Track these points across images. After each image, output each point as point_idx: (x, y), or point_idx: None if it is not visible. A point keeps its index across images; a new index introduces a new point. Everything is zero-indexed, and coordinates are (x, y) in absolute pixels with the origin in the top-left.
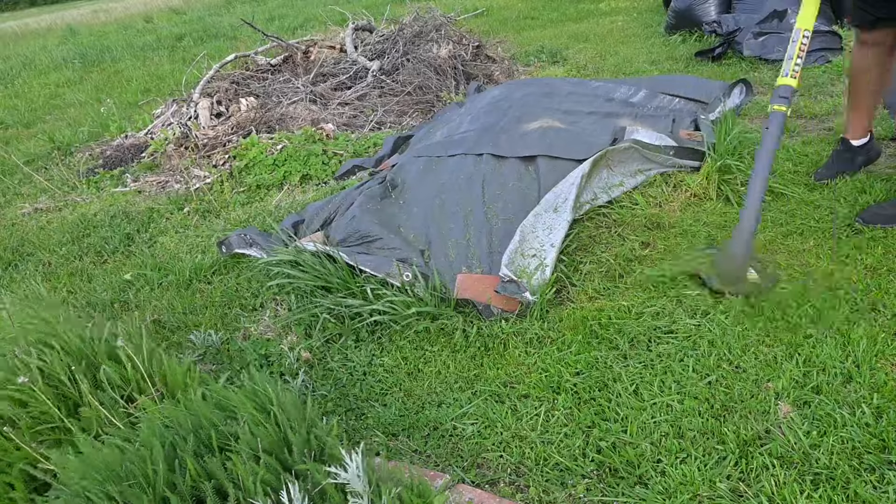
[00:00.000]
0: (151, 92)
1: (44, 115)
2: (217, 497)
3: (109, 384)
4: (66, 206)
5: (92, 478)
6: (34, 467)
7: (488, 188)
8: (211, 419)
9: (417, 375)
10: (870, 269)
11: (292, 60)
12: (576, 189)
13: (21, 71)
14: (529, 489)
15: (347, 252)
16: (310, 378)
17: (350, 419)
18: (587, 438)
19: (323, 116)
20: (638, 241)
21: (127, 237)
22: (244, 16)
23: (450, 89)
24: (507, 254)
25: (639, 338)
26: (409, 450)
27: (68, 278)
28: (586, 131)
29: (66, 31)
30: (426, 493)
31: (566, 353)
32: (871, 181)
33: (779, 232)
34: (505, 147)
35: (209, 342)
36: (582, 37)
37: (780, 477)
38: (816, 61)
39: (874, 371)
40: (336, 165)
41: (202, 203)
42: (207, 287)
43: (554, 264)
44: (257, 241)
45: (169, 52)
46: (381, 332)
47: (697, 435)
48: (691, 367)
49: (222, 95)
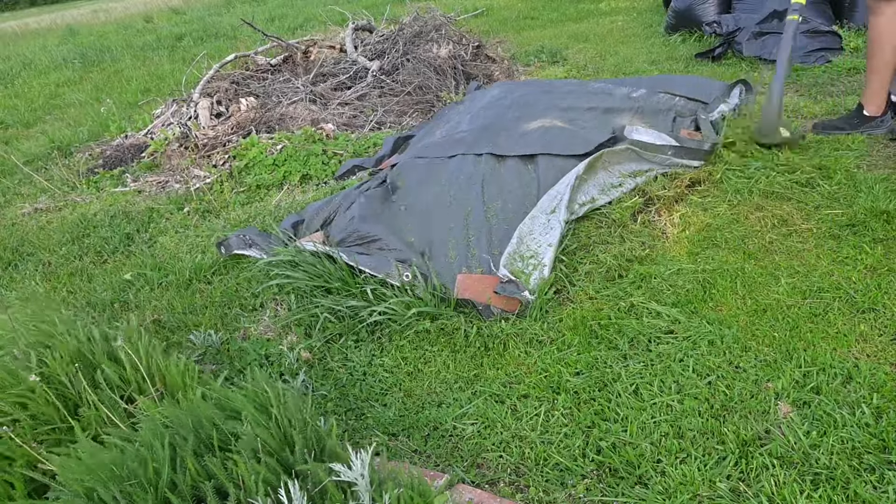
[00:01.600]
0: (151, 92)
1: (44, 115)
2: (217, 497)
3: (109, 384)
4: (66, 206)
5: (92, 478)
6: (34, 468)
7: (488, 188)
8: (211, 419)
9: (417, 375)
10: (870, 269)
11: (292, 60)
12: (570, 190)
13: (21, 71)
14: (529, 489)
15: (347, 252)
16: (310, 378)
17: (350, 419)
18: (587, 438)
19: (323, 116)
20: (638, 241)
21: (127, 237)
22: (244, 16)
23: (450, 89)
24: (506, 255)
25: (639, 338)
26: (409, 450)
27: (68, 278)
28: (586, 128)
29: (66, 31)
30: (426, 492)
31: (566, 353)
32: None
33: (778, 233)
34: (504, 146)
35: (209, 342)
36: (582, 37)
37: (780, 477)
38: (816, 61)
39: (874, 371)
40: (336, 165)
41: (202, 203)
42: (207, 287)
43: (552, 264)
44: (257, 242)
45: (169, 52)
46: (381, 333)
47: (697, 435)
48: (691, 367)
49: (222, 95)
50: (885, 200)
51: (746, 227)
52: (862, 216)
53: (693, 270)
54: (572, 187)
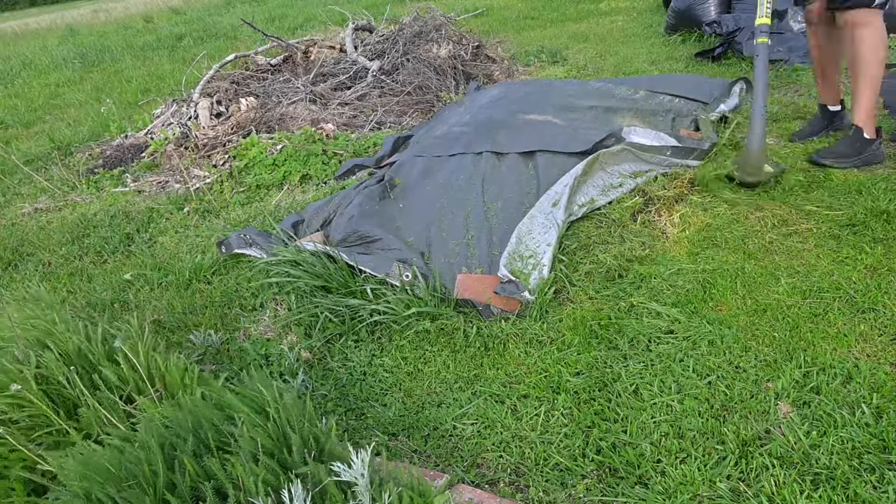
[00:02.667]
0: (151, 92)
1: (44, 115)
2: (216, 497)
3: (108, 385)
4: (66, 206)
5: (91, 479)
6: (32, 470)
7: (488, 187)
8: (210, 419)
9: (417, 375)
10: (870, 269)
11: (292, 60)
12: (568, 190)
13: (21, 71)
14: (529, 489)
15: (347, 252)
16: (310, 378)
17: (350, 419)
18: (587, 438)
19: (323, 116)
20: (638, 241)
21: (127, 237)
22: (244, 16)
23: (450, 89)
24: (505, 255)
25: (639, 338)
26: (409, 450)
27: (68, 278)
28: (584, 126)
29: (66, 31)
30: (426, 492)
31: (566, 353)
32: (873, 180)
33: (778, 233)
34: (504, 143)
35: (209, 342)
36: (582, 37)
37: (780, 477)
38: None
39: (874, 371)
40: (336, 165)
41: (202, 203)
42: (207, 287)
43: (551, 264)
44: (257, 241)
45: (169, 52)
46: (381, 332)
47: (697, 435)
48: (691, 368)
49: (222, 95)
50: (885, 200)
51: (746, 226)
52: (862, 216)
53: (693, 270)
54: (571, 188)
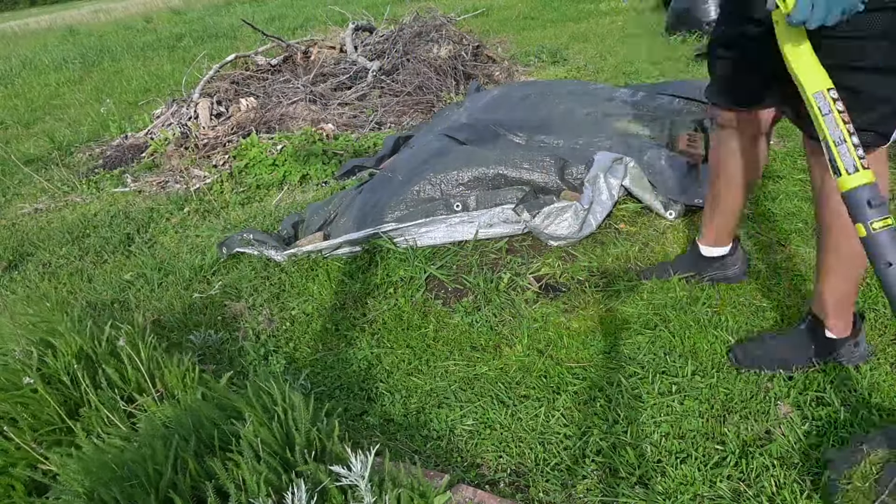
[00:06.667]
0: (151, 92)
1: (44, 115)
2: (218, 497)
3: (110, 384)
4: (66, 207)
5: (93, 478)
6: (34, 468)
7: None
8: (212, 419)
9: (417, 375)
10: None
11: (292, 61)
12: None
13: (21, 71)
14: (529, 489)
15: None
16: (309, 378)
17: (350, 419)
18: (587, 439)
19: (323, 117)
20: (637, 241)
21: (127, 237)
22: (244, 16)
23: (450, 89)
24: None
25: (638, 338)
26: (409, 450)
27: (68, 278)
28: (582, 144)
29: (66, 31)
30: (427, 493)
31: (566, 354)
32: None
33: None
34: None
35: (209, 342)
36: (582, 37)
37: (780, 477)
38: None
39: (874, 371)
40: (336, 165)
41: (202, 203)
42: (207, 287)
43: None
44: (257, 241)
45: (169, 53)
46: (381, 332)
47: (697, 435)
48: (691, 368)
49: (222, 96)
50: None
51: (746, 226)
52: None
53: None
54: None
